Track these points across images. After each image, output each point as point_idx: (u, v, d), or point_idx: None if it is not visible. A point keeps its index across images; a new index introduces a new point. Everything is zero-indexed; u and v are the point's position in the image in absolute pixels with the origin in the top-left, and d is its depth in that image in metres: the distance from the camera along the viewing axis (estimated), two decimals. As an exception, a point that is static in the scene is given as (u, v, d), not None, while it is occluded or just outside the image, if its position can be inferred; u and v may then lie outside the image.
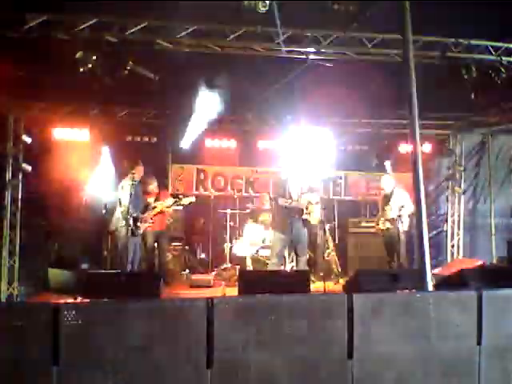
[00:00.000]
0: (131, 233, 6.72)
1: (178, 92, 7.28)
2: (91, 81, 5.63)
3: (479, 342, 3.49)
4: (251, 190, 10.19)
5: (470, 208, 9.94)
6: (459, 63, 6.12)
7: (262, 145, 9.94)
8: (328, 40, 5.94)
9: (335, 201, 10.42)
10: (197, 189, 9.95)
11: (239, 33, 5.74)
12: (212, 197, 9.22)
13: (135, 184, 6.71)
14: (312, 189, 6.40)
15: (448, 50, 6.10)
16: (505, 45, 6.20)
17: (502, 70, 6.07)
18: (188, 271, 8.87)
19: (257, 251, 8.56)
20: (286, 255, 7.78)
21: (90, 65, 5.42)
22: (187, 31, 5.66)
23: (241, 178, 10.20)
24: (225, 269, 8.39)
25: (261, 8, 5.24)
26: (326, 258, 8.53)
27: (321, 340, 3.23)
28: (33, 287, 7.49)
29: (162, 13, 5.52)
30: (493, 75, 6.07)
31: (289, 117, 9.06)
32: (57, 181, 7.82)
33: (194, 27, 5.66)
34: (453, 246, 9.79)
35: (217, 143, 9.84)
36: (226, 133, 9.67)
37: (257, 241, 8.59)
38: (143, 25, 5.54)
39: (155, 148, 9.36)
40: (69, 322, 2.86)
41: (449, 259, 9.56)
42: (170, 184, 9.80)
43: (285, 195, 6.21)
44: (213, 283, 7.86)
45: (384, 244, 8.09)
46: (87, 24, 5.41)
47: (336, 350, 3.25)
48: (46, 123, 8.35)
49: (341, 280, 8.41)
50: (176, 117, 8.73)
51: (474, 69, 6.07)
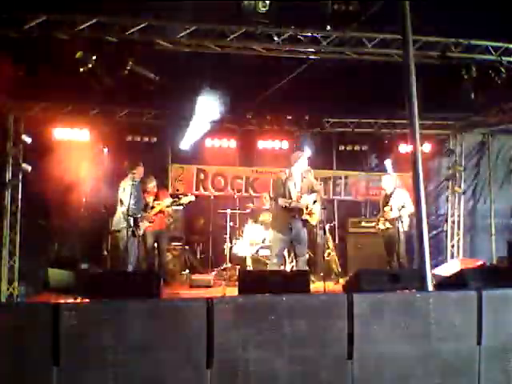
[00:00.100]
0: (132, 233, 6.72)
1: (178, 92, 7.28)
2: (91, 81, 5.63)
3: (479, 342, 3.49)
4: (251, 190, 10.19)
5: (470, 208, 9.94)
6: (459, 63, 6.12)
7: (262, 145, 9.95)
8: (327, 40, 5.94)
9: (335, 201, 10.44)
10: (197, 189, 9.95)
11: (239, 33, 5.74)
12: (212, 197, 9.22)
13: (135, 184, 6.71)
14: (312, 189, 6.38)
15: (448, 50, 6.10)
16: (505, 45, 6.21)
17: (502, 70, 6.07)
18: (188, 271, 8.87)
19: (257, 251, 8.56)
20: (286, 255, 7.79)
21: (90, 65, 5.43)
22: (187, 31, 5.66)
23: (241, 178, 10.20)
24: (225, 269, 8.38)
25: (261, 8, 5.25)
26: (326, 258, 8.52)
27: (321, 340, 3.23)
28: (33, 287, 7.48)
29: (162, 13, 5.53)
30: (493, 75, 6.07)
31: (289, 117, 9.07)
32: (57, 181, 7.82)
33: (194, 27, 5.66)
34: (453, 246, 9.79)
35: (217, 143, 9.85)
36: (226, 133, 9.67)
37: (257, 241, 8.59)
38: (143, 25, 5.54)
39: (155, 148, 9.36)
40: (69, 322, 2.87)
41: (449, 259, 9.56)
42: (170, 184, 9.80)
43: (285, 195, 6.20)
44: (213, 283, 7.86)
45: (384, 244, 8.09)
46: (87, 24, 5.41)
47: (336, 350, 3.25)
48: (46, 123, 8.35)
49: (341, 280, 8.41)
50: (176, 117, 8.73)
51: (474, 69, 6.08)
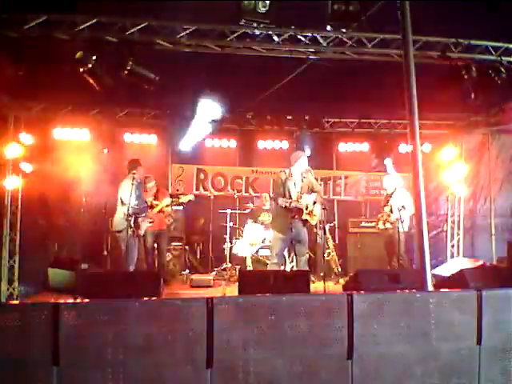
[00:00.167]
0: (133, 233, 6.72)
1: (178, 92, 7.28)
2: (91, 81, 5.62)
3: (479, 342, 3.49)
4: (251, 190, 10.20)
5: (470, 208, 9.93)
6: (459, 63, 6.11)
7: (262, 145, 9.95)
8: (328, 40, 5.94)
9: (335, 201, 10.44)
10: (197, 189, 9.96)
11: (239, 33, 5.74)
12: (212, 197, 9.22)
13: (136, 184, 6.70)
14: (312, 189, 6.37)
15: (448, 50, 6.09)
16: (505, 45, 6.20)
17: (502, 70, 6.07)
18: (188, 271, 8.88)
19: (257, 251, 8.56)
20: (286, 255, 7.79)
21: (90, 65, 5.42)
22: (187, 31, 5.66)
23: (241, 178, 10.21)
24: (225, 269, 8.39)
25: (261, 8, 5.25)
26: (326, 258, 8.52)
27: (321, 340, 3.23)
28: (33, 287, 7.48)
29: (162, 13, 5.52)
30: (493, 75, 6.06)
31: (289, 117, 9.06)
32: (57, 181, 7.82)
33: (194, 27, 5.66)
34: (453, 246, 9.78)
35: (217, 143, 9.86)
36: (226, 133, 9.67)
37: (257, 241, 8.59)
38: (143, 25, 5.54)
39: (155, 148, 9.37)
40: (69, 322, 2.86)
41: (449, 259, 9.56)
42: (170, 184, 9.81)
43: (285, 195, 6.20)
44: (213, 283, 7.86)
45: (384, 244, 8.10)
46: (87, 24, 5.41)
47: (336, 350, 3.25)
48: (46, 123, 8.34)
49: (341, 280, 8.42)
50: (176, 117, 8.72)
51: (474, 69, 6.07)
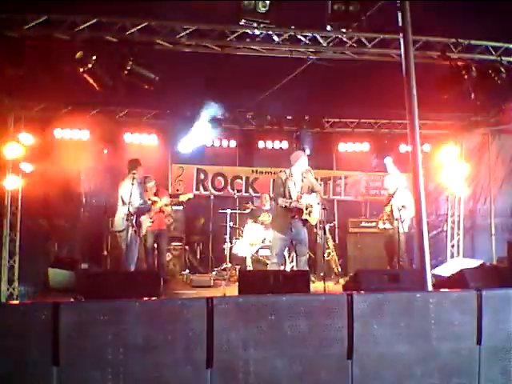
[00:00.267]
0: (135, 232, 6.73)
1: (178, 92, 7.27)
2: (91, 81, 5.62)
3: (479, 342, 3.49)
4: (251, 190, 10.20)
5: (470, 208, 9.93)
6: (459, 63, 6.11)
7: (262, 145, 9.95)
8: (328, 40, 5.94)
9: (335, 201, 10.44)
10: (197, 189, 9.96)
11: (239, 33, 5.74)
12: (212, 197, 9.22)
13: (136, 184, 6.70)
14: (312, 189, 6.37)
15: (448, 50, 6.09)
16: (505, 45, 6.20)
17: (502, 70, 6.06)
18: (188, 271, 8.88)
19: (257, 251, 8.56)
20: (286, 255, 7.79)
21: (90, 65, 5.42)
22: (187, 31, 5.66)
23: (241, 178, 10.21)
24: (225, 269, 8.39)
25: (261, 8, 5.24)
26: (326, 258, 8.52)
27: (321, 340, 3.23)
28: (33, 287, 7.48)
29: (162, 13, 5.52)
30: (493, 75, 6.06)
31: (289, 117, 9.06)
32: (57, 181, 7.82)
33: (194, 27, 5.66)
34: (453, 246, 9.78)
35: (217, 143, 9.85)
36: (226, 133, 9.67)
37: (257, 241, 8.59)
38: (143, 25, 5.54)
39: (155, 148, 9.37)
40: (69, 322, 2.86)
41: (449, 259, 9.56)
42: (170, 184, 9.81)
43: (285, 195, 6.20)
44: (213, 283, 7.86)
45: (384, 244, 8.10)
46: (87, 24, 5.41)
47: (336, 350, 3.25)
48: (46, 123, 8.34)
49: (341, 280, 8.43)
50: (176, 117, 8.72)
51: (474, 69, 6.07)
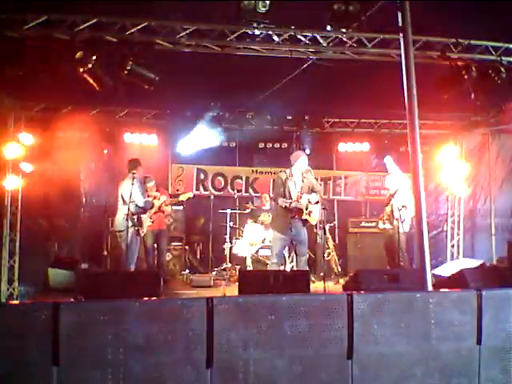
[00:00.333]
0: (137, 232, 6.75)
1: (178, 92, 7.27)
2: (91, 81, 5.62)
3: (479, 342, 3.49)
4: (251, 190, 10.20)
5: (470, 208, 9.93)
6: (459, 63, 6.11)
7: (263, 145, 9.94)
8: (328, 40, 5.94)
9: (335, 201, 10.44)
10: (197, 189, 9.96)
11: (239, 33, 5.74)
12: (212, 197, 9.22)
13: (136, 183, 6.70)
14: (312, 189, 6.37)
15: (448, 50, 6.09)
16: (505, 45, 6.19)
17: (502, 70, 6.06)
18: (188, 271, 8.88)
19: (257, 251, 8.56)
20: (286, 255, 7.79)
21: (90, 65, 5.42)
22: (187, 31, 5.66)
23: (241, 178, 10.21)
24: (225, 269, 8.39)
25: (261, 8, 5.24)
26: (326, 258, 8.53)
27: (321, 340, 3.23)
28: (33, 287, 7.48)
29: (162, 13, 5.52)
30: (493, 75, 6.06)
31: (289, 117, 9.06)
32: (57, 181, 7.81)
33: (194, 27, 5.66)
34: (453, 246, 9.78)
35: (217, 143, 9.81)
36: (226, 133, 9.64)
37: (257, 241, 8.59)
38: (143, 25, 5.54)
39: (155, 148, 9.36)
40: (69, 322, 2.86)
41: (449, 259, 9.56)
42: (170, 184, 9.81)
43: (285, 195, 6.20)
44: (213, 283, 7.86)
45: (384, 244, 8.10)
46: (87, 24, 5.40)
47: (336, 350, 3.25)
48: (46, 123, 8.34)
49: (341, 280, 8.43)
50: (176, 117, 8.72)
51: (474, 69, 6.07)
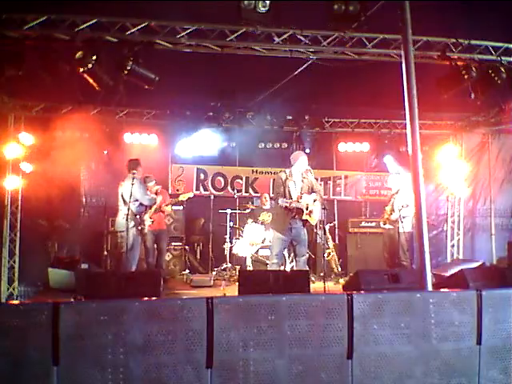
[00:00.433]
0: (140, 231, 6.76)
1: (178, 92, 7.28)
2: (91, 81, 5.62)
3: (479, 342, 3.49)
4: (251, 190, 10.20)
5: (470, 208, 9.93)
6: (459, 63, 6.11)
7: (263, 145, 9.94)
8: (328, 40, 5.94)
9: (335, 201, 10.44)
10: (197, 189, 9.95)
11: (239, 33, 5.74)
12: (212, 197, 9.22)
13: (136, 183, 6.70)
14: (312, 189, 6.37)
15: (448, 50, 6.09)
16: (505, 45, 6.20)
17: (502, 70, 6.06)
18: (188, 271, 8.88)
19: (257, 251, 8.56)
20: (286, 255, 7.79)
21: (90, 65, 5.42)
22: (187, 31, 5.66)
23: (241, 178, 10.21)
24: (225, 269, 8.39)
25: (261, 8, 5.24)
26: (326, 258, 8.52)
27: (321, 340, 3.23)
28: (33, 287, 7.49)
29: (162, 13, 5.52)
30: (493, 75, 6.06)
31: (289, 117, 9.06)
32: (57, 181, 7.81)
33: (194, 27, 5.66)
34: (453, 246, 9.78)
35: (217, 143, 9.80)
36: (226, 133, 9.64)
37: (257, 241, 8.59)
38: (143, 25, 5.54)
39: (155, 148, 9.36)
40: (68, 322, 2.86)
41: (449, 259, 9.57)
42: (170, 184, 9.81)
43: (285, 195, 6.20)
44: (213, 283, 7.86)
45: (383, 244, 8.09)
46: (87, 24, 5.41)
47: (336, 350, 3.25)
48: (46, 123, 8.34)
49: (341, 280, 8.43)
50: (176, 117, 8.72)
51: (474, 69, 6.07)
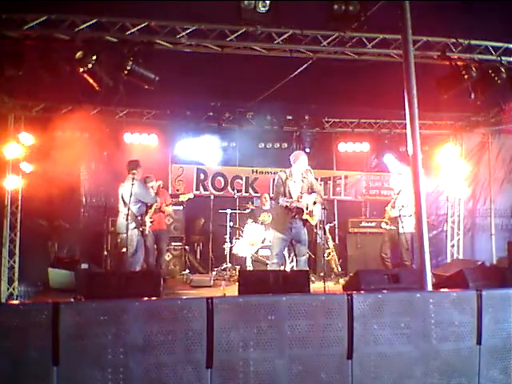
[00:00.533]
0: (141, 232, 6.75)
1: (178, 92, 7.27)
2: (91, 81, 5.62)
3: (479, 342, 3.49)
4: (251, 190, 10.20)
5: (470, 208, 9.93)
6: (459, 63, 6.11)
7: (263, 145, 9.94)
8: (328, 40, 5.94)
9: (335, 201, 10.44)
10: (197, 189, 9.95)
11: (239, 33, 5.74)
12: (212, 197, 9.22)
13: (137, 184, 6.70)
14: (312, 189, 6.37)
15: (448, 50, 6.09)
16: (505, 45, 6.20)
17: (502, 70, 6.06)
18: (188, 271, 8.88)
19: (257, 251, 8.56)
20: (286, 255, 7.79)
21: (90, 65, 5.42)
22: (187, 31, 5.66)
23: (241, 178, 10.21)
24: (225, 269, 8.39)
25: (261, 8, 5.24)
26: (326, 258, 8.52)
27: (321, 340, 3.23)
28: (33, 287, 7.49)
29: (162, 13, 5.52)
30: (493, 75, 6.06)
31: (289, 117, 9.06)
32: (57, 181, 7.81)
33: (194, 27, 5.66)
34: (453, 246, 9.79)
35: (217, 143, 9.80)
36: (226, 133, 9.65)
37: (257, 241, 8.59)
38: (143, 25, 5.54)
39: (155, 148, 9.36)
40: (68, 322, 2.86)
41: (449, 259, 9.57)
42: (170, 184, 9.81)
43: (285, 195, 6.20)
44: (213, 283, 7.86)
45: (382, 243, 8.08)
46: (87, 24, 5.41)
47: (336, 350, 3.25)
48: (46, 123, 8.34)
49: (341, 280, 8.43)
50: (176, 117, 8.72)
51: (474, 69, 6.07)
